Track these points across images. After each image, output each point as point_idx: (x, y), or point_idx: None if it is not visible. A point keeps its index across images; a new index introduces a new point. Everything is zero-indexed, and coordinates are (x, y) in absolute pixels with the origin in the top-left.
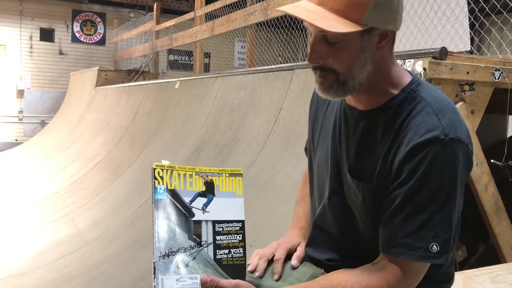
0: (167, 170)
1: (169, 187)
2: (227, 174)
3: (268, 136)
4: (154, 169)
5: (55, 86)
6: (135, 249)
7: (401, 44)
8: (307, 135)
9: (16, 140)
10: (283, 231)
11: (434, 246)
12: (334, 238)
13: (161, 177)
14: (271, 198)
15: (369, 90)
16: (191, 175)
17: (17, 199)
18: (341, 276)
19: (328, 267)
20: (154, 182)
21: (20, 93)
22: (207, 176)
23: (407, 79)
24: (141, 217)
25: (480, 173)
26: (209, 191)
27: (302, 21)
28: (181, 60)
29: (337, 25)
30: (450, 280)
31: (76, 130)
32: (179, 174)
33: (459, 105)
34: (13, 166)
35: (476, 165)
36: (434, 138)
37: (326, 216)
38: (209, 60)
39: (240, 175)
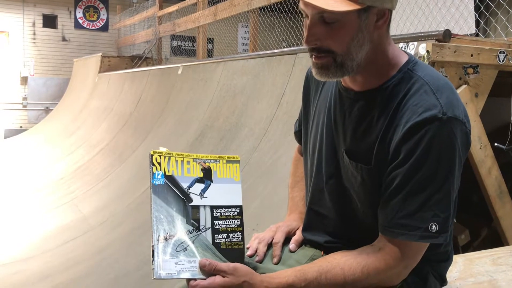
0: (164, 157)
1: (167, 173)
2: (224, 161)
3: (270, 121)
4: (152, 155)
5: (59, 73)
6: (139, 233)
7: (405, 27)
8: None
9: (21, 127)
10: (286, 215)
11: (434, 226)
12: (332, 222)
13: (159, 163)
14: (274, 182)
15: (366, 71)
16: (188, 162)
17: (22, 186)
18: (339, 257)
19: (327, 249)
20: (152, 168)
21: (24, 80)
22: (205, 162)
23: (404, 58)
24: (145, 202)
25: (484, 156)
26: (206, 177)
27: (298, 1)
28: (184, 46)
29: (335, 4)
30: (449, 259)
31: (80, 116)
32: (176, 161)
33: (462, 88)
34: (17, 152)
35: (480, 148)
36: (432, 117)
37: (323, 200)
38: (212, 46)
39: (237, 161)
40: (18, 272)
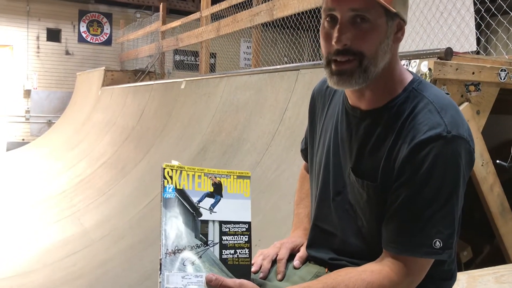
0: (176, 170)
1: (177, 187)
2: (235, 176)
3: (273, 136)
4: (164, 168)
5: (62, 86)
6: (141, 248)
7: (406, 45)
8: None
9: (23, 139)
10: (288, 231)
11: (438, 242)
12: (337, 239)
13: (170, 177)
14: (276, 198)
15: (376, 85)
16: (199, 176)
17: (24, 198)
18: (343, 274)
19: (332, 266)
20: (163, 181)
21: (27, 93)
22: (216, 177)
23: (409, 77)
24: (147, 216)
25: (486, 173)
26: (217, 192)
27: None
28: (187, 60)
29: None
30: (452, 277)
31: (83, 130)
32: (188, 175)
33: (464, 105)
34: (20, 165)
35: (482, 165)
36: (436, 135)
37: (329, 217)
38: (214, 61)
39: (248, 177)
40: (19, 286)
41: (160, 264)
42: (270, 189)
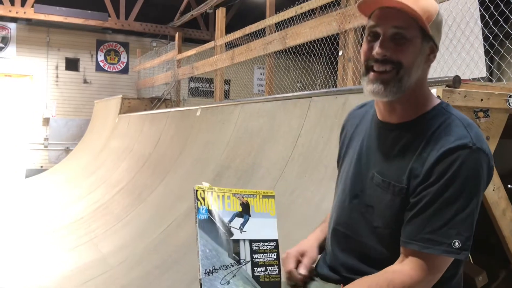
0: (207, 192)
1: (209, 208)
2: (260, 196)
3: (286, 163)
4: (196, 190)
5: (80, 114)
6: (158, 273)
7: None
8: (325, 161)
9: (42, 166)
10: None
11: (457, 243)
12: (353, 240)
13: (203, 198)
14: (290, 224)
15: (407, 100)
16: (228, 196)
17: (42, 225)
18: (365, 278)
19: (346, 280)
20: (197, 203)
21: (46, 121)
22: (243, 197)
23: (437, 100)
24: (164, 242)
25: (498, 198)
26: (245, 211)
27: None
28: (202, 87)
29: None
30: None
31: (100, 156)
32: (218, 196)
33: None
34: (38, 192)
35: (493, 190)
36: (463, 145)
37: (346, 220)
38: (229, 87)
39: (273, 196)
40: None
41: (200, 284)
42: (284, 215)
